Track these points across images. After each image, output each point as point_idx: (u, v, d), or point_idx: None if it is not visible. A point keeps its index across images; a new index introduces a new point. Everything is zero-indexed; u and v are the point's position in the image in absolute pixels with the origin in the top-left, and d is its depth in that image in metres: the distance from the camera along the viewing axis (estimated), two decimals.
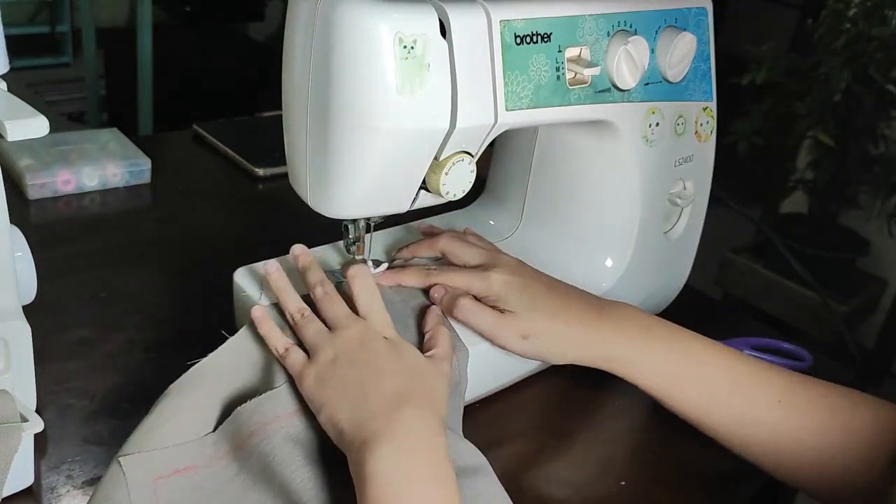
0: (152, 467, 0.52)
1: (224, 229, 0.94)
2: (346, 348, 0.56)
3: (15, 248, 0.59)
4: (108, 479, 0.52)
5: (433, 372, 0.57)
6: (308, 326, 0.58)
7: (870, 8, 1.93)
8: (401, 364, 0.56)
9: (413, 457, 0.50)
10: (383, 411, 0.51)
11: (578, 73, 0.63)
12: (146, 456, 0.52)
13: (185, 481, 0.53)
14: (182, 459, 0.53)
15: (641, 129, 0.71)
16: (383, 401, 0.52)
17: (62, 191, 0.94)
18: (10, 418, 0.51)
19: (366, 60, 0.53)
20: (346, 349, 0.56)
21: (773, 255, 2.23)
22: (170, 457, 0.53)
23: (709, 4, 0.74)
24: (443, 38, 0.55)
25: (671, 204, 0.77)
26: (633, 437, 0.71)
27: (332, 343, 0.56)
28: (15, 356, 0.56)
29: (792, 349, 0.82)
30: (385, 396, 0.52)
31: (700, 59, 0.74)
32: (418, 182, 0.60)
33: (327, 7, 0.53)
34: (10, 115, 0.49)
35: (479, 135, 0.60)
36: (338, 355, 0.55)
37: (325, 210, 0.60)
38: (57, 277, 0.78)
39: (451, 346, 0.61)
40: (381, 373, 0.54)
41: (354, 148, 0.56)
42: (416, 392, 0.54)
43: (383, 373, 0.54)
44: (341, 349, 0.56)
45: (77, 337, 0.72)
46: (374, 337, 0.57)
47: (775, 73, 2.09)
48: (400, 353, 0.57)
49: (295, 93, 0.58)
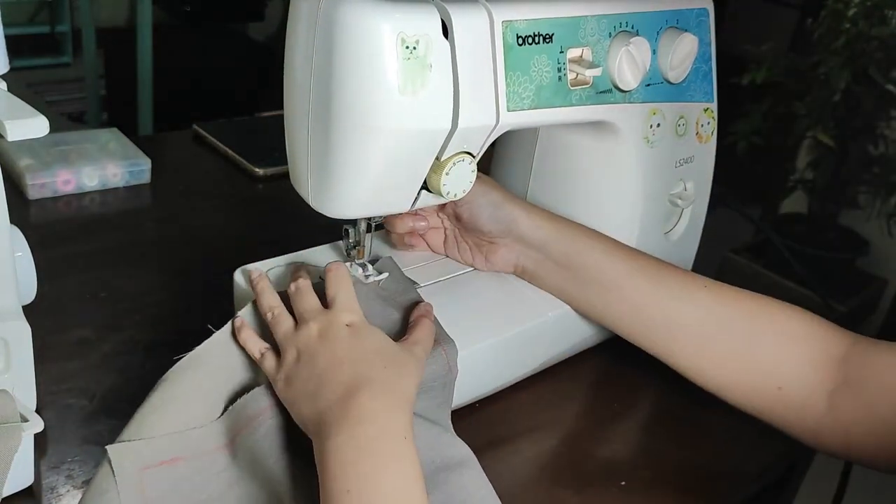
0: (139, 458, 0.53)
1: (224, 229, 0.94)
2: (306, 345, 0.56)
3: (15, 248, 0.58)
4: (100, 469, 0.53)
5: (399, 354, 0.57)
6: (278, 326, 0.59)
7: (870, 8, 1.93)
8: (360, 350, 0.56)
9: (366, 443, 0.50)
10: (338, 400, 0.52)
11: (580, 74, 0.63)
12: (133, 445, 0.53)
13: (172, 472, 0.54)
14: (169, 451, 0.54)
15: (642, 129, 0.71)
16: (338, 390, 0.53)
17: (62, 191, 0.94)
18: (10, 418, 0.51)
19: (368, 60, 0.53)
20: (307, 345, 0.56)
21: (773, 255, 2.23)
22: (156, 447, 0.54)
23: (710, 5, 0.74)
24: (445, 38, 0.55)
25: (672, 204, 0.77)
26: (633, 438, 0.71)
27: (294, 341, 0.57)
28: (15, 356, 0.56)
29: None
30: (340, 385, 0.53)
31: (701, 60, 0.74)
32: (419, 182, 0.60)
33: (329, 7, 0.53)
34: (10, 115, 0.49)
35: (480, 135, 0.60)
36: (300, 353, 0.56)
37: (326, 210, 0.60)
38: (57, 277, 0.78)
39: (431, 336, 0.61)
40: (338, 363, 0.54)
41: (356, 148, 0.56)
42: (373, 376, 0.54)
43: (340, 362, 0.54)
44: (303, 347, 0.56)
45: (77, 337, 0.72)
46: (334, 327, 0.57)
47: (775, 73, 2.09)
48: (360, 339, 0.57)
49: (296, 93, 0.58)
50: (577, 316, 0.74)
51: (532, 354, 0.71)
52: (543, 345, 0.72)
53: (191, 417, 0.56)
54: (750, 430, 0.71)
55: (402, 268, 0.70)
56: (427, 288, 0.70)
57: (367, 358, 0.55)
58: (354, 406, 0.51)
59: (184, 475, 0.54)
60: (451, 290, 0.71)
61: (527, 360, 0.71)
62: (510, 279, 0.74)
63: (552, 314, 0.71)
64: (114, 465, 0.52)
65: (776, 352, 0.63)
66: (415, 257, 0.74)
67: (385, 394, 0.53)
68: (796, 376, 0.62)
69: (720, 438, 0.72)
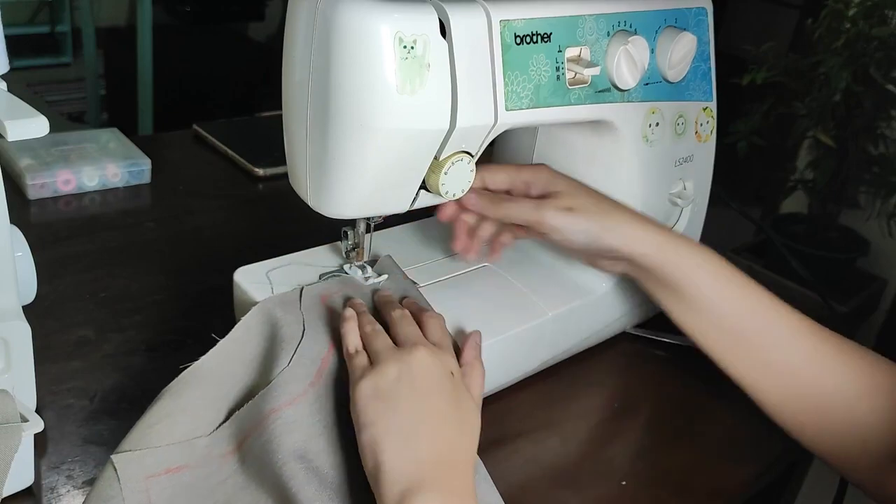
0: (145, 466, 0.53)
1: (224, 229, 0.94)
2: (412, 369, 0.53)
3: (15, 248, 0.59)
4: (102, 477, 0.52)
5: (474, 418, 0.55)
6: (378, 338, 0.56)
7: (870, 8, 1.93)
8: (458, 411, 0.53)
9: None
10: (433, 462, 0.49)
11: (578, 73, 0.63)
12: (139, 454, 0.53)
13: (177, 480, 0.53)
14: (174, 459, 0.54)
15: (641, 129, 0.71)
16: (434, 449, 0.50)
17: (62, 191, 0.94)
18: (10, 418, 0.51)
19: (366, 60, 0.53)
20: (412, 370, 0.53)
21: (773, 255, 2.23)
22: (162, 456, 0.53)
23: (709, 4, 0.74)
24: (443, 38, 0.55)
25: (671, 204, 0.77)
26: (633, 437, 0.71)
27: (399, 358, 0.54)
28: (15, 356, 0.56)
29: None
30: (437, 445, 0.50)
31: (700, 59, 0.74)
32: (418, 182, 0.60)
33: (327, 7, 0.53)
34: (10, 115, 0.49)
35: (479, 135, 0.60)
36: (402, 374, 0.53)
37: (325, 210, 0.60)
38: (57, 277, 0.78)
39: (483, 380, 0.59)
40: (441, 417, 0.52)
41: (354, 148, 0.56)
42: (464, 448, 0.52)
43: (443, 418, 0.52)
44: (407, 368, 0.53)
45: (77, 337, 0.72)
46: (442, 368, 0.54)
47: (775, 73, 2.08)
48: (459, 398, 0.54)
49: (295, 93, 0.58)
50: (577, 316, 0.74)
51: (532, 354, 0.72)
52: (543, 345, 0.72)
53: (196, 427, 0.55)
54: (750, 431, 0.71)
55: (402, 268, 0.70)
56: (427, 288, 0.70)
57: (462, 424, 0.53)
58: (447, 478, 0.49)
59: (189, 483, 0.54)
60: (452, 290, 0.71)
61: (527, 360, 0.71)
62: (510, 279, 0.74)
63: (552, 314, 0.71)
64: (119, 472, 0.52)
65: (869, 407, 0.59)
66: (414, 257, 0.74)
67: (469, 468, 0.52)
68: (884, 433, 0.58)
69: (720, 438, 0.72)
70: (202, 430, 0.55)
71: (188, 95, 2.55)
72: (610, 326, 0.79)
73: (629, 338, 0.82)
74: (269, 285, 0.65)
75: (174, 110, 2.41)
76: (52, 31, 3.02)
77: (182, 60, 2.66)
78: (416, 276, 0.71)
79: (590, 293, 0.74)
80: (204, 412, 0.56)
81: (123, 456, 0.52)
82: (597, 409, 0.73)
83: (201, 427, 0.56)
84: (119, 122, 1.97)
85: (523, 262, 0.77)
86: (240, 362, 0.59)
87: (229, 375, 0.58)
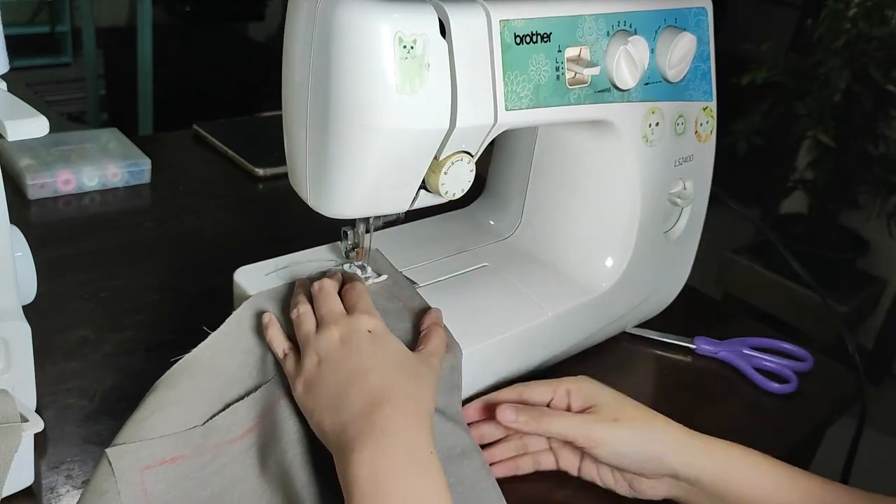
0: (139, 458, 0.53)
1: (224, 229, 0.94)
2: (328, 350, 0.56)
3: (15, 248, 0.59)
4: (97, 471, 0.53)
5: (418, 367, 0.57)
6: (300, 326, 0.59)
7: (870, 8, 1.93)
8: (382, 360, 0.56)
9: (394, 455, 0.50)
10: (362, 413, 0.52)
11: (578, 73, 0.63)
12: (133, 447, 0.53)
13: (174, 471, 0.54)
14: (169, 450, 0.54)
15: (641, 128, 0.71)
16: (362, 402, 0.52)
17: (62, 191, 0.94)
18: (10, 418, 0.51)
19: (366, 60, 0.53)
20: (329, 351, 0.56)
21: (773, 255, 2.23)
22: (157, 447, 0.54)
23: (709, 4, 0.74)
24: (443, 37, 0.55)
25: (671, 204, 0.77)
26: None
27: (315, 346, 0.56)
28: (15, 356, 0.56)
29: (792, 349, 0.82)
30: (364, 397, 0.53)
31: (700, 59, 0.74)
32: (418, 182, 0.60)
33: (327, 7, 0.53)
34: (10, 115, 0.49)
35: (478, 134, 0.60)
36: (321, 359, 0.56)
37: (324, 210, 0.60)
38: (57, 277, 0.78)
39: (444, 344, 0.61)
40: (362, 372, 0.54)
41: (354, 147, 0.56)
42: (396, 388, 0.54)
43: (364, 372, 0.54)
44: (324, 353, 0.56)
45: (77, 337, 0.72)
46: (355, 333, 0.57)
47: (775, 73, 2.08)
48: (382, 348, 0.57)
49: (295, 92, 0.58)
50: (577, 316, 0.74)
51: (532, 354, 0.71)
52: (543, 345, 0.72)
53: (190, 418, 0.56)
54: (749, 431, 0.71)
55: (402, 268, 0.70)
56: (427, 288, 0.70)
57: (390, 370, 0.55)
58: (380, 419, 0.51)
59: (185, 473, 0.54)
60: (452, 290, 0.71)
61: (527, 360, 0.71)
62: (510, 279, 0.74)
63: (552, 314, 0.71)
64: (114, 465, 0.52)
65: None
66: (414, 257, 0.74)
67: (409, 407, 0.53)
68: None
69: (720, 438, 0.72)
70: (196, 421, 0.56)
71: (188, 95, 2.55)
72: (610, 326, 0.79)
73: (629, 338, 0.82)
74: (268, 285, 0.65)
75: (174, 110, 2.41)
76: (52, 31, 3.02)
77: (182, 60, 2.66)
78: (416, 276, 0.71)
79: (590, 293, 0.74)
80: (197, 404, 0.57)
81: (117, 449, 0.53)
82: None
83: (195, 418, 0.56)
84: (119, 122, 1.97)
85: (523, 262, 0.77)
86: (231, 355, 0.59)
87: (222, 368, 0.59)
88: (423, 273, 0.72)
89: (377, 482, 0.49)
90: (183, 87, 2.57)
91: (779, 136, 2.19)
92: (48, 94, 2.91)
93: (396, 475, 0.49)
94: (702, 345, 0.81)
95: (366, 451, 0.50)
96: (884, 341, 2.19)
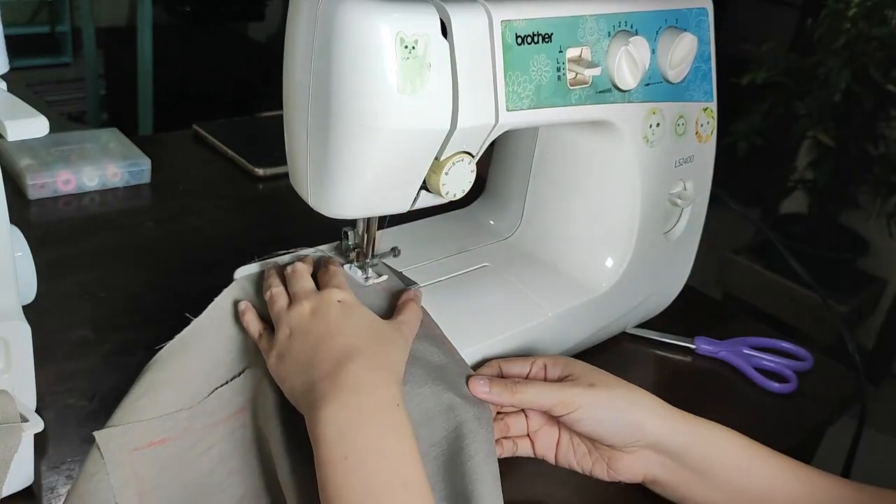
0: (128, 440, 0.54)
1: (224, 229, 0.94)
2: (298, 322, 0.57)
3: (15, 248, 0.59)
4: (89, 456, 0.54)
5: (388, 331, 0.58)
6: (273, 304, 0.60)
7: (870, 8, 1.93)
8: (351, 325, 0.57)
9: (359, 410, 0.51)
10: (329, 372, 0.52)
11: (579, 74, 0.63)
12: (121, 429, 0.54)
13: (162, 452, 0.55)
14: (157, 432, 0.55)
15: (642, 129, 0.71)
16: (329, 362, 0.53)
17: (62, 191, 0.94)
18: (10, 418, 0.51)
19: (367, 60, 0.53)
20: (299, 323, 0.57)
21: (773, 255, 2.23)
22: (145, 429, 0.55)
23: (709, 5, 0.74)
24: (444, 38, 0.55)
25: (671, 204, 0.77)
26: None
27: (287, 319, 0.57)
28: (15, 356, 0.56)
29: (792, 349, 0.82)
30: (331, 357, 0.53)
31: (700, 60, 0.74)
32: (419, 182, 0.60)
33: (328, 7, 0.53)
34: (10, 115, 0.49)
35: (479, 135, 0.60)
36: (293, 330, 0.57)
37: (325, 210, 0.60)
38: (57, 277, 0.78)
39: (418, 318, 0.62)
40: (329, 336, 0.55)
41: (355, 148, 0.56)
42: (364, 348, 0.54)
43: (331, 336, 0.55)
44: (295, 324, 0.57)
45: (77, 337, 0.72)
46: (326, 304, 0.58)
47: (775, 73, 2.09)
48: (351, 315, 0.58)
49: (296, 92, 0.58)
50: (577, 316, 0.74)
51: (532, 354, 0.71)
52: (543, 345, 0.72)
53: (178, 400, 0.57)
54: (749, 431, 0.71)
55: (402, 268, 0.70)
56: (427, 288, 0.70)
57: (358, 331, 0.56)
58: (346, 375, 0.52)
59: (173, 454, 0.55)
60: (451, 290, 0.71)
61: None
62: (510, 279, 0.74)
63: (552, 314, 0.71)
64: (101, 448, 0.53)
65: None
66: (415, 257, 0.74)
67: (375, 365, 0.54)
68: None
69: None
70: (184, 404, 0.57)
71: (188, 95, 2.55)
72: (610, 326, 0.79)
73: (629, 338, 0.82)
74: None
75: (174, 110, 2.41)
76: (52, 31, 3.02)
77: (182, 60, 2.66)
78: (416, 276, 0.71)
79: (590, 293, 0.74)
80: (185, 386, 0.58)
81: (106, 432, 0.54)
82: None
83: (183, 400, 0.57)
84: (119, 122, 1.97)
85: (523, 262, 0.77)
86: (215, 340, 0.60)
87: (208, 352, 0.60)
88: (423, 273, 0.72)
89: (342, 436, 0.49)
90: (183, 87, 2.56)
91: (779, 136, 2.19)
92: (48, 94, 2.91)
93: (361, 429, 0.50)
94: (702, 345, 0.81)
95: (331, 407, 0.50)
96: (884, 341, 2.19)
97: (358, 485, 0.48)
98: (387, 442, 0.50)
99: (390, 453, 0.50)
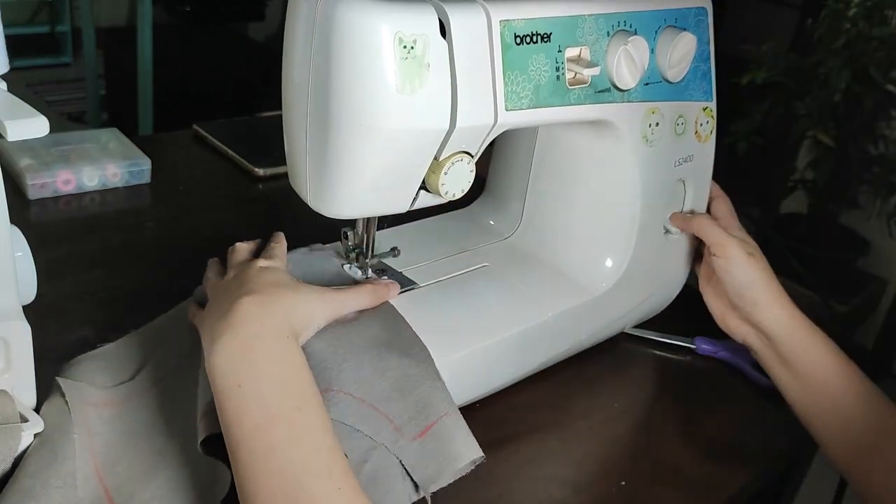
0: (83, 396, 0.60)
1: (224, 229, 0.94)
2: (220, 284, 0.60)
3: (15, 248, 0.59)
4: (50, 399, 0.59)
5: (300, 286, 0.59)
6: (207, 282, 0.63)
7: (870, 8, 1.93)
8: (261, 279, 0.58)
9: (248, 341, 0.52)
10: (225, 311, 0.54)
11: (578, 73, 0.63)
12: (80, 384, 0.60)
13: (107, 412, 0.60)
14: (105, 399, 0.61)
15: (641, 129, 0.71)
16: (227, 303, 0.55)
17: (62, 191, 0.94)
18: (10, 418, 0.51)
19: (366, 60, 0.53)
20: (220, 284, 0.60)
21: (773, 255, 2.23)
22: (95, 393, 0.61)
23: (709, 4, 0.74)
24: (443, 38, 0.55)
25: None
26: (633, 438, 0.71)
27: (214, 288, 0.61)
28: (15, 356, 0.56)
29: None
30: (229, 299, 0.55)
31: (700, 59, 0.74)
32: (418, 182, 0.60)
33: (327, 7, 0.53)
34: (10, 115, 0.49)
35: (478, 135, 0.60)
36: (217, 295, 0.59)
37: (324, 210, 0.60)
38: (57, 277, 0.78)
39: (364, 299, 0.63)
40: (237, 286, 0.57)
41: (354, 148, 0.56)
42: (260, 290, 0.56)
43: (239, 286, 0.57)
44: (217, 287, 0.60)
45: (77, 337, 0.72)
46: (248, 268, 0.60)
47: (775, 73, 2.08)
48: (267, 274, 0.59)
49: (295, 92, 0.58)
50: (577, 316, 0.74)
51: (532, 354, 0.72)
52: (543, 345, 0.72)
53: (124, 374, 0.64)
54: (750, 431, 0.71)
55: (401, 268, 0.70)
56: (427, 288, 0.70)
57: (264, 281, 0.58)
58: (237, 309, 0.54)
59: (116, 415, 0.60)
60: (451, 290, 0.71)
61: (527, 360, 0.71)
62: (510, 279, 0.74)
63: (552, 314, 0.71)
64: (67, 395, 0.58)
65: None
66: (414, 257, 0.74)
67: (267, 301, 0.55)
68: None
69: (720, 439, 0.72)
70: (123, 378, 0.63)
71: (188, 95, 2.55)
72: (610, 326, 0.79)
73: (629, 338, 0.82)
74: None
75: (174, 110, 2.41)
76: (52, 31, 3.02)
77: (182, 60, 2.66)
78: (416, 276, 0.71)
79: (590, 293, 0.74)
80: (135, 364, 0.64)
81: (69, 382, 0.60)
82: (596, 409, 0.73)
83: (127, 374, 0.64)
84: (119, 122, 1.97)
85: (523, 262, 0.77)
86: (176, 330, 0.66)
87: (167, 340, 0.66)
88: (423, 273, 0.72)
89: (233, 364, 0.51)
90: (183, 87, 2.56)
91: (779, 136, 2.19)
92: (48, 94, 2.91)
93: (252, 357, 0.51)
94: (702, 345, 0.81)
95: (222, 339, 0.52)
96: (884, 341, 2.19)
97: (254, 410, 0.49)
98: (279, 368, 0.52)
99: (283, 378, 0.51)
